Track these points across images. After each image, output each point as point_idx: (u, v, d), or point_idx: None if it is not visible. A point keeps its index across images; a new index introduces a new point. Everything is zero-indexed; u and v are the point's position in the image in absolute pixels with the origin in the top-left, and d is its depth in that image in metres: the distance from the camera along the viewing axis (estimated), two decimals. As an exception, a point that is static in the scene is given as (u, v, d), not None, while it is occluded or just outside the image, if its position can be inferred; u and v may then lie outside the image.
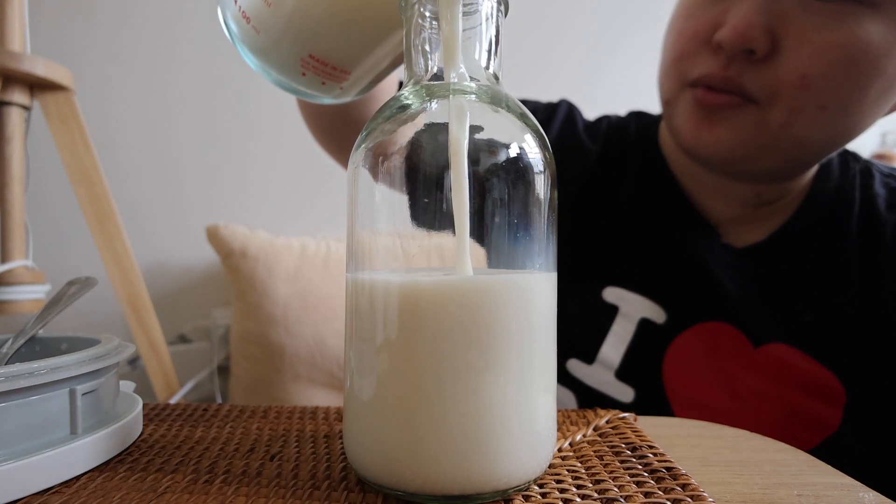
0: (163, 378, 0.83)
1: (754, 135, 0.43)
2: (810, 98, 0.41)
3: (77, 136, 0.78)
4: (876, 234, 0.47)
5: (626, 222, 0.54)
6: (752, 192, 0.50)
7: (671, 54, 0.47)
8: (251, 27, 0.31)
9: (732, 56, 0.42)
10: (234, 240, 1.05)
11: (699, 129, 0.45)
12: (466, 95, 0.24)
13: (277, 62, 0.32)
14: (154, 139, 1.23)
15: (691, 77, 0.45)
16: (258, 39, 0.31)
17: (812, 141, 0.43)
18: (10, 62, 0.71)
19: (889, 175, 0.51)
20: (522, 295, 0.22)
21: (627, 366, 0.50)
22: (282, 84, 0.33)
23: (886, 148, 1.38)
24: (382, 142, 0.24)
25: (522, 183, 0.23)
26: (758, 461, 0.28)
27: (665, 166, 0.55)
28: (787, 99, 0.41)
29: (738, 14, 0.41)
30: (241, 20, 0.31)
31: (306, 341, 1.03)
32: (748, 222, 0.51)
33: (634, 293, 0.51)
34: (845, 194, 0.49)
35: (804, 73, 0.40)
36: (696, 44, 0.44)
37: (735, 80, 0.42)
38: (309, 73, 0.32)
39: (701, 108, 0.45)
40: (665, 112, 0.50)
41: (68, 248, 1.16)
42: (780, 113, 0.42)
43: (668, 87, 0.48)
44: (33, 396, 0.25)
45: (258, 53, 0.32)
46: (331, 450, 0.29)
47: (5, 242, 0.75)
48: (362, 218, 0.24)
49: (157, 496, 0.23)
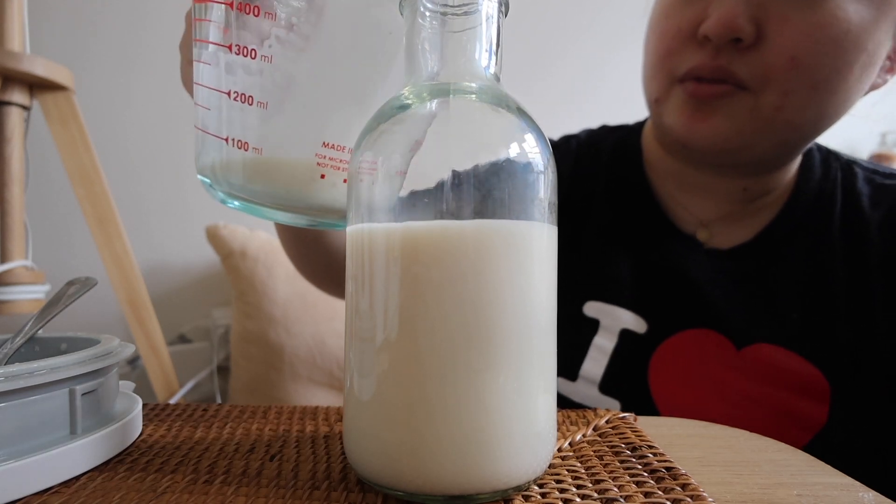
0: (162, 378, 0.83)
1: (749, 121, 0.44)
2: (801, 79, 0.42)
3: (77, 136, 0.78)
4: (860, 230, 0.48)
5: (603, 237, 0.55)
6: (739, 187, 0.51)
7: (657, 54, 0.48)
8: (252, 151, 0.28)
9: (720, 46, 0.43)
10: (234, 240, 1.06)
11: (693, 121, 0.46)
12: (467, 95, 0.24)
13: (293, 178, 0.29)
14: (154, 139, 1.23)
15: (681, 72, 0.45)
16: (260, 161, 0.28)
17: (804, 122, 0.44)
18: (10, 62, 0.71)
19: (872, 172, 0.51)
20: (522, 243, 0.23)
21: (610, 379, 0.50)
22: (311, 209, 0.30)
23: (886, 148, 1.38)
24: (382, 141, 0.24)
25: (523, 183, 0.23)
26: (757, 461, 0.28)
27: (643, 178, 0.55)
28: (778, 82, 0.42)
29: (722, 6, 0.42)
30: (240, 155, 0.28)
31: (306, 341, 1.03)
32: (735, 221, 0.52)
33: (615, 306, 0.52)
34: (828, 192, 0.50)
35: (792, 55, 0.41)
36: (681, 40, 0.45)
37: (726, 68, 0.43)
38: (327, 169, 0.29)
39: (693, 101, 0.45)
40: (654, 112, 0.51)
41: (68, 248, 1.16)
42: (772, 96, 0.43)
43: (657, 86, 0.48)
44: (33, 396, 0.25)
45: (269, 179, 0.29)
46: (331, 450, 0.29)
47: (5, 242, 0.75)
48: (362, 217, 0.24)
49: (157, 496, 0.23)
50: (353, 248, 0.24)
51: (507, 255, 0.22)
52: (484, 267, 0.22)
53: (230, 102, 0.28)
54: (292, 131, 0.29)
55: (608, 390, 0.50)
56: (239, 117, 0.28)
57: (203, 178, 0.31)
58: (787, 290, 0.48)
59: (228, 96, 0.28)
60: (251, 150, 0.28)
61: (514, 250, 0.23)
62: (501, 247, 0.22)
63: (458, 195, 0.22)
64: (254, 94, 0.28)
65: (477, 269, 0.22)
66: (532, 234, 0.23)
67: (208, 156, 0.30)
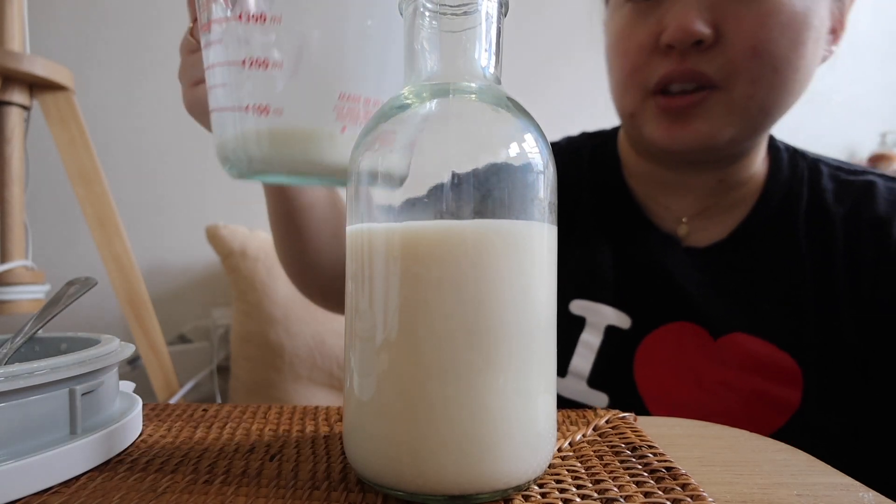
0: (163, 378, 0.83)
1: (727, 116, 0.47)
2: (764, 65, 0.45)
3: (77, 136, 0.78)
4: (825, 225, 0.51)
5: (587, 238, 0.57)
6: (714, 180, 0.54)
7: (624, 71, 0.51)
8: (273, 113, 0.29)
9: (684, 51, 0.46)
10: (234, 240, 1.06)
11: (673, 130, 0.49)
12: (466, 95, 0.24)
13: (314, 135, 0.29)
14: (154, 139, 1.23)
15: (653, 83, 0.48)
16: (282, 121, 0.29)
17: (774, 104, 0.48)
18: (10, 62, 0.71)
19: (837, 169, 0.54)
20: (522, 243, 0.23)
21: (598, 373, 0.53)
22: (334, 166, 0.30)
23: (886, 148, 1.38)
24: (382, 141, 0.24)
25: (522, 183, 0.23)
26: (758, 461, 0.28)
27: (622, 181, 0.58)
28: (744, 72, 0.46)
29: (678, 14, 0.45)
30: (260, 123, 0.29)
31: (306, 341, 1.03)
32: (711, 218, 0.54)
33: (600, 303, 0.54)
34: (795, 190, 0.53)
35: (752, 45, 0.45)
36: (645, 54, 0.48)
37: (695, 69, 0.46)
38: (347, 121, 0.29)
39: (668, 113, 0.48)
40: (630, 124, 0.53)
41: (68, 248, 1.16)
42: (742, 87, 0.46)
43: (631, 101, 0.51)
44: (33, 396, 0.25)
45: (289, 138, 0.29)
46: (331, 450, 0.29)
47: (5, 242, 0.75)
48: (362, 217, 0.24)
49: (157, 496, 0.23)
50: (353, 247, 0.24)
51: (507, 254, 0.22)
52: (484, 267, 0.22)
53: (246, 72, 0.29)
54: (310, 87, 0.30)
55: (596, 384, 0.52)
56: (256, 84, 0.29)
57: (225, 157, 0.31)
58: (759, 283, 0.51)
59: (243, 65, 0.29)
60: (272, 113, 0.29)
61: (514, 250, 0.23)
62: (501, 247, 0.22)
63: (458, 195, 0.22)
64: (269, 57, 0.29)
65: (477, 268, 0.22)
66: (532, 234, 0.23)
67: (228, 132, 0.30)
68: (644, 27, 0.48)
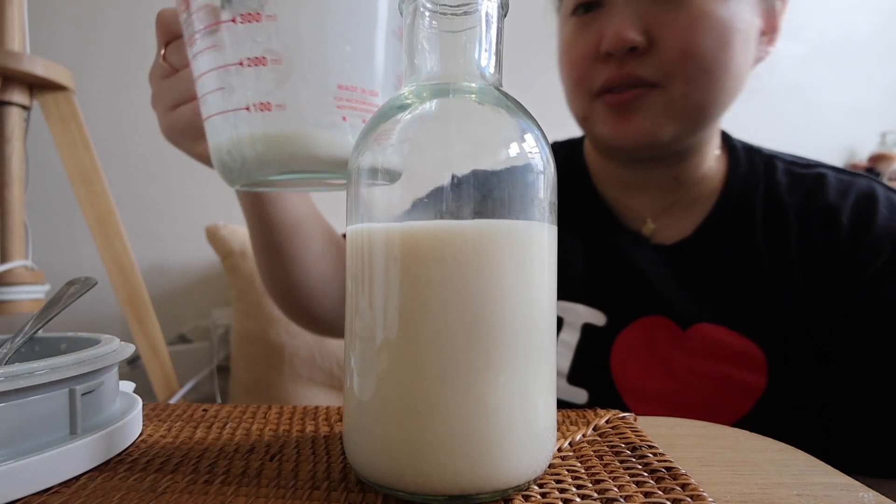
0: (162, 378, 0.83)
1: (665, 112, 0.51)
2: (695, 66, 0.49)
3: (77, 136, 0.78)
4: (780, 217, 0.54)
5: (561, 241, 0.59)
6: (670, 177, 0.57)
7: (572, 80, 0.55)
8: (276, 108, 0.29)
9: (622, 58, 0.50)
10: (234, 240, 1.06)
11: (619, 126, 0.52)
12: (466, 95, 0.24)
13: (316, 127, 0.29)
14: (154, 139, 1.22)
15: (597, 87, 0.52)
16: (286, 116, 0.29)
17: (709, 101, 0.51)
18: (10, 62, 0.71)
19: (791, 163, 0.57)
20: (522, 243, 0.23)
21: (577, 370, 0.55)
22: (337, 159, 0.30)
23: (886, 148, 1.38)
24: (382, 141, 0.24)
25: (522, 183, 0.23)
26: (758, 461, 0.28)
27: (590, 185, 0.62)
28: (678, 74, 0.49)
29: (612, 25, 0.49)
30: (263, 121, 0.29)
31: (306, 341, 1.03)
32: (674, 216, 0.58)
33: (575, 303, 0.57)
34: (752, 185, 0.56)
35: (682, 49, 0.49)
36: (588, 63, 0.52)
37: (632, 74, 0.50)
38: (346, 111, 0.30)
39: (613, 109, 0.52)
40: (585, 127, 0.57)
41: (68, 248, 1.16)
42: (678, 86, 0.50)
43: (580, 106, 0.55)
44: (33, 396, 0.25)
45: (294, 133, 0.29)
46: (331, 450, 0.29)
47: (5, 242, 0.75)
48: (362, 217, 0.24)
49: (157, 496, 0.23)
50: (353, 247, 0.24)
51: (507, 254, 0.22)
52: (484, 266, 0.22)
53: (245, 71, 0.29)
54: (310, 80, 0.30)
55: (575, 381, 0.55)
56: (256, 82, 0.29)
57: (224, 162, 0.31)
58: (722, 275, 0.54)
59: (241, 66, 0.29)
60: (275, 109, 0.29)
61: (515, 250, 0.23)
62: (501, 246, 0.22)
63: (458, 195, 0.22)
64: (266, 55, 0.29)
65: (477, 268, 0.22)
66: (532, 234, 0.23)
67: (227, 136, 0.30)
68: (586, 38, 0.52)
